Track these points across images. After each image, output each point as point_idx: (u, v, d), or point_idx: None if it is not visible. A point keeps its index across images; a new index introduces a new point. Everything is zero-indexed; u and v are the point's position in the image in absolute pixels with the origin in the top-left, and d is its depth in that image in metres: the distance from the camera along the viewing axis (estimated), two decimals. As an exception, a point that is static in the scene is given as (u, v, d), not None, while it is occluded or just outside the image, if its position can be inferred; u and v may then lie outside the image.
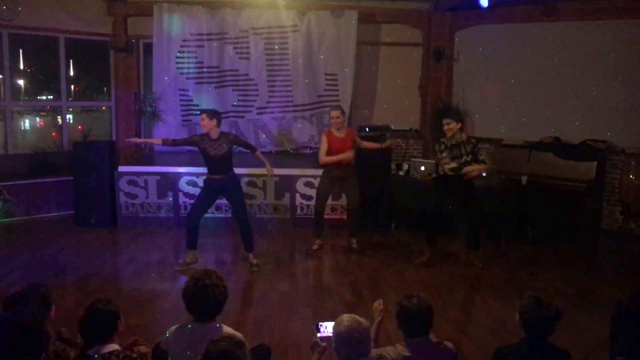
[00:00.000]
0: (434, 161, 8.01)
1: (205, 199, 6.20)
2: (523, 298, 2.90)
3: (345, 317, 2.77)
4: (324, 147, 6.56)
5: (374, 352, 2.83)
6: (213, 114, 5.99)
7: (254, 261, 6.21)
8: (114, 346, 2.83)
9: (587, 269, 6.53)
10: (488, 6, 7.88)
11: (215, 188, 6.14)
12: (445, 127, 6.06)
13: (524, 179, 7.42)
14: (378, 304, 3.33)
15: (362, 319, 2.77)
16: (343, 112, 6.72)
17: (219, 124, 5.97)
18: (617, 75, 7.87)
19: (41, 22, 8.43)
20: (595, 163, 7.68)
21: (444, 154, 6.06)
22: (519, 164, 8.02)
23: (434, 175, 7.63)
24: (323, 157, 6.57)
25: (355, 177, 6.70)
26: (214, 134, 5.93)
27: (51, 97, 9.36)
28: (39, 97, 9.59)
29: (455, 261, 6.63)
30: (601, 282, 6.06)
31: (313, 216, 6.92)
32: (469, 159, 6.00)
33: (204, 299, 2.96)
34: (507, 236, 7.24)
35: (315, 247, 6.80)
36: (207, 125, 5.88)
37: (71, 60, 9.09)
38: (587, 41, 8.14)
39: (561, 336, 3.28)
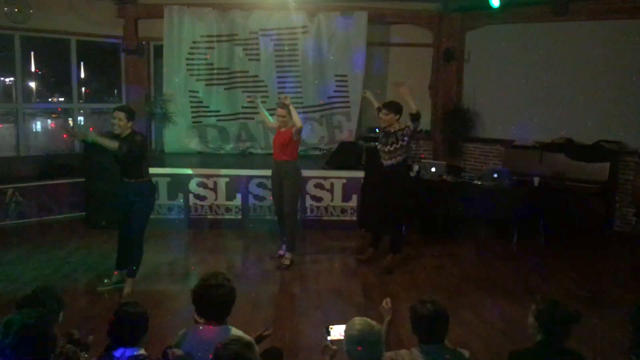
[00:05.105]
0: (445, 162, 7.99)
1: None
2: (538, 302, 2.85)
3: (357, 320, 2.73)
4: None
5: (388, 355, 2.79)
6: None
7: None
8: (141, 351, 2.80)
9: (599, 271, 6.45)
10: (499, 6, 7.84)
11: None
12: (382, 117, 6.14)
13: (536, 180, 7.35)
14: (385, 303, 3.28)
15: (374, 322, 2.73)
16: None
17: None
18: (630, 75, 7.79)
19: (52, 24, 8.46)
20: (608, 164, 7.62)
21: (378, 145, 6.20)
22: (530, 165, 7.96)
23: (444, 177, 7.60)
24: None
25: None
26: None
27: (62, 99, 9.39)
28: (50, 99, 9.62)
29: (465, 263, 6.58)
30: (613, 285, 6.00)
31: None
32: (398, 145, 6.03)
33: (210, 300, 2.95)
34: (519, 238, 7.18)
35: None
36: None
37: (82, 63, 9.10)
38: (599, 41, 8.07)
39: (574, 339, 3.24)
